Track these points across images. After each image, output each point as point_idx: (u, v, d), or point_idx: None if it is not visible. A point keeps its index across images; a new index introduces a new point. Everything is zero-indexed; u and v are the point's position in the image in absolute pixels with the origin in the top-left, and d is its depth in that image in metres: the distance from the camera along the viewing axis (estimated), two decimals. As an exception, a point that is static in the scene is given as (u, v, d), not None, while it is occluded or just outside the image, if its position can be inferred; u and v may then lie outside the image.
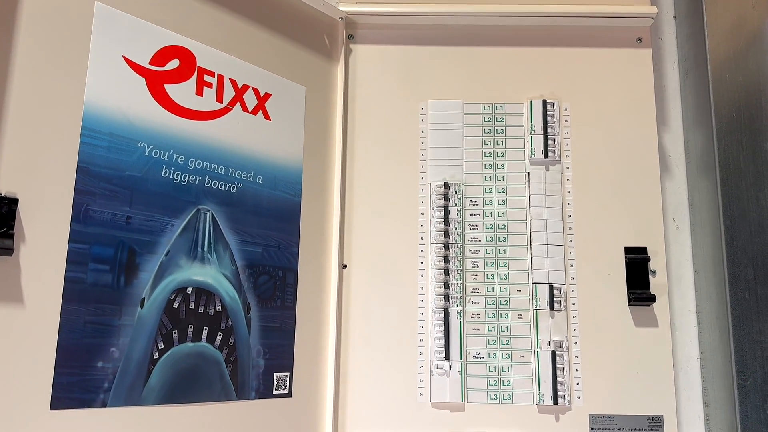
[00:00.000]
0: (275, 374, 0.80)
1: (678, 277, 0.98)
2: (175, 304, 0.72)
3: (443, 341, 0.88)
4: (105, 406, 0.65)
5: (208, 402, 0.73)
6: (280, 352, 0.81)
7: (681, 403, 0.94)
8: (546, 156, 0.92)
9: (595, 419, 0.86)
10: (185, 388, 0.72)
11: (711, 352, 0.93)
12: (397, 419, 0.86)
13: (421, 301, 0.90)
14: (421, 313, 0.89)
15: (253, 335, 0.79)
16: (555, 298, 0.88)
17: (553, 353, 0.87)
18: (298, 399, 0.83)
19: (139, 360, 0.68)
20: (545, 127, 0.92)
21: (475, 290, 0.90)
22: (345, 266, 0.91)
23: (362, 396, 0.87)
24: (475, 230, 0.91)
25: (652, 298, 0.87)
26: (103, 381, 0.65)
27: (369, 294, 0.90)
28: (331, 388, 0.86)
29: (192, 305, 0.73)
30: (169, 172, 0.73)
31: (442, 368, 0.87)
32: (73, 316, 0.63)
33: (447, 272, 0.89)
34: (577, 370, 0.87)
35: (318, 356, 0.86)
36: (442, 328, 0.88)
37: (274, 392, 0.80)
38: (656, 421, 0.85)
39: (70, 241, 0.64)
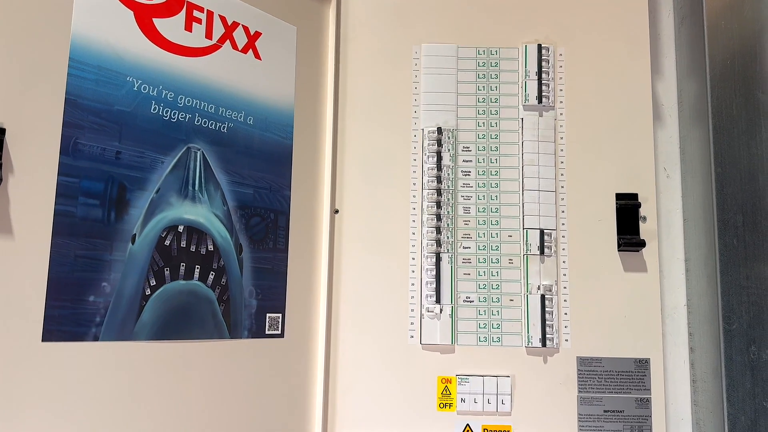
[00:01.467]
0: (268, 315, 0.81)
1: (667, 225, 0.99)
2: (167, 242, 0.71)
3: (434, 285, 0.88)
4: (97, 340, 0.65)
5: (201, 339, 0.74)
6: (272, 293, 0.82)
7: (667, 348, 0.96)
8: (540, 102, 0.91)
9: (582, 361, 0.87)
10: (178, 324, 0.72)
11: (698, 299, 0.95)
12: (388, 360, 0.87)
13: (413, 246, 0.90)
14: (413, 258, 0.90)
15: (246, 276, 0.79)
16: (545, 244, 0.89)
17: (543, 297, 0.88)
18: (291, 340, 0.83)
19: (131, 296, 0.68)
20: (539, 73, 0.92)
21: (466, 236, 0.90)
22: (337, 211, 0.91)
23: (354, 338, 0.88)
24: (467, 176, 0.91)
25: (642, 244, 0.88)
26: (95, 315, 0.65)
27: (361, 239, 0.90)
28: (323, 330, 0.87)
29: (184, 243, 0.73)
30: (159, 109, 0.72)
31: (432, 311, 0.88)
32: (64, 250, 0.63)
33: (439, 218, 0.89)
34: (565, 314, 0.88)
35: (310, 298, 0.86)
36: (434, 273, 0.88)
37: (267, 332, 0.81)
38: (643, 364, 0.87)
39: (59, 174, 0.63)
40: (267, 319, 0.81)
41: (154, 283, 0.70)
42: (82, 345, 0.64)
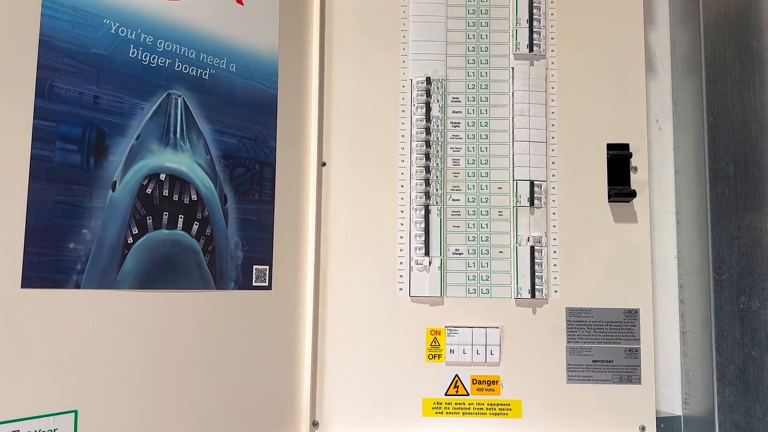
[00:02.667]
0: (254, 267, 0.80)
1: (659, 178, 0.98)
2: (148, 190, 0.70)
3: (423, 238, 0.87)
4: (79, 288, 0.64)
5: (186, 289, 0.73)
6: (258, 245, 0.81)
7: (657, 300, 0.96)
8: (531, 50, 0.89)
9: (571, 312, 0.87)
10: (162, 274, 0.71)
11: (688, 251, 0.94)
12: (377, 313, 0.87)
13: (402, 199, 0.89)
14: (402, 211, 0.89)
15: (231, 227, 0.78)
16: (535, 195, 0.87)
17: (532, 248, 0.87)
18: (278, 292, 0.82)
19: (113, 244, 0.67)
20: (531, 20, 0.90)
21: (455, 188, 0.89)
22: (324, 164, 0.89)
23: (342, 291, 0.87)
24: (456, 128, 0.90)
25: (633, 194, 0.87)
26: (76, 262, 0.64)
27: (349, 192, 0.89)
28: (311, 283, 0.86)
29: (166, 192, 0.72)
30: (137, 53, 0.70)
31: (421, 264, 0.87)
32: (42, 195, 0.62)
33: (428, 170, 0.88)
34: (555, 265, 0.87)
35: (297, 251, 0.86)
36: (422, 225, 0.87)
37: (254, 284, 0.80)
38: (632, 314, 0.87)
39: (35, 117, 0.62)
40: (254, 271, 0.80)
41: (136, 232, 0.69)
42: (64, 292, 0.63)
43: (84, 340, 0.65)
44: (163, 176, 0.71)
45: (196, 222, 0.74)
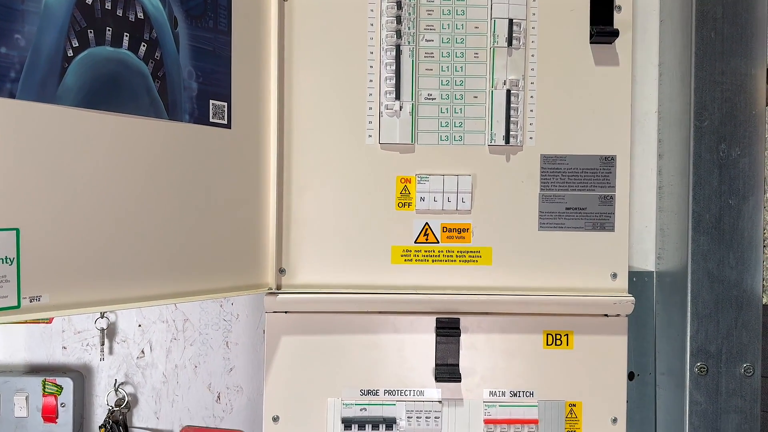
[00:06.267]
0: (211, 101, 0.75)
1: (643, 29, 0.93)
2: (89, 0, 0.64)
3: (394, 81, 0.82)
4: (14, 97, 0.59)
5: (135, 115, 0.68)
6: (215, 78, 0.75)
7: (636, 156, 0.93)
8: None
9: (546, 159, 0.83)
10: (107, 95, 0.66)
11: (670, 102, 0.91)
12: (345, 160, 0.83)
13: (371, 38, 0.83)
14: (371, 52, 0.83)
15: (183, 54, 0.72)
16: (514, 35, 0.82)
17: (508, 92, 0.82)
18: (239, 132, 0.78)
19: (50, 54, 0.61)
20: None
21: (429, 27, 0.83)
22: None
23: (308, 136, 0.83)
24: (430, -37, 0.83)
25: (615, 33, 0.82)
26: (9, 69, 0.59)
27: (313, 30, 0.83)
28: (274, 126, 0.81)
29: (108, 5, 0.65)
30: None
31: (392, 109, 0.83)
32: (-37, -12, 0.55)
33: (399, 5, 0.82)
34: (531, 111, 0.83)
35: (259, 90, 0.80)
36: (393, 67, 0.82)
37: (211, 120, 0.75)
38: (609, 161, 0.84)
39: None
40: (210, 106, 0.75)
41: (77, 45, 0.63)
42: (-4, 101, 0.58)
43: (23, 156, 0.60)
44: (104, -14, 0.65)
45: (143, 43, 0.68)
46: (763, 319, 0.85)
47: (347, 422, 0.83)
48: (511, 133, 0.83)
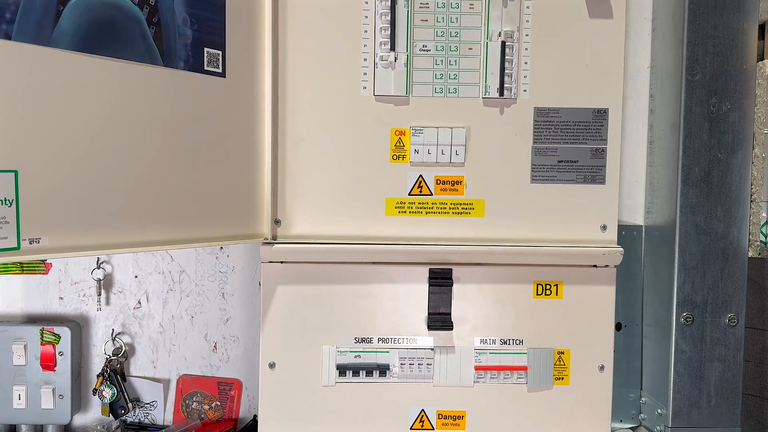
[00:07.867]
0: (206, 49, 0.75)
1: (638, -17, 0.93)
2: (82, -58, 0.63)
3: (389, 32, 0.82)
4: (9, 39, 0.59)
5: (131, 61, 0.68)
6: (209, 26, 0.75)
7: (627, 112, 0.94)
8: None
9: (539, 111, 0.84)
10: (103, 39, 0.66)
11: (662, 58, 0.91)
12: (340, 111, 0.83)
13: (366, -11, 0.83)
14: (366, 2, 0.83)
15: (178, 0, 0.72)
16: (509, -14, 0.82)
17: (503, 44, 0.83)
18: (233, 81, 0.78)
19: (45, -4, 0.61)
20: None
21: (424, -22, 0.83)
22: (282, -50, 0.82)
23: (303, 88, 0.83)
24: None
25: (610, -15, 0.82)
26: (4, 11, 0.59)
27: (309, -18, 0.82)
28: (268, 76, 0.81)
29: (103, -52, 0.65)
30: None
31: (387, 60, 0.83)
32: (-45, -75, 0.55)
33: (394, -44, 0.82)
34: (526, 63, 0.84)
35: (253, 40, 0.80)
36: (388, 18, 0.82)
37: (206, 68, 0.75)
38: (601, 114, 0.85)
39: None
40: (205, 54, 0.75)
41: (71, -13, 0.63)
42: (-8, 42, 0.58)
43: (20, 98, 0.60)
44: (98, -72, 0.64)
45: (138, -13, 0.68)
46: (748, 272, 0.87)
47: (342, 369, 0.85)
48: (505, 85, 0.83)
